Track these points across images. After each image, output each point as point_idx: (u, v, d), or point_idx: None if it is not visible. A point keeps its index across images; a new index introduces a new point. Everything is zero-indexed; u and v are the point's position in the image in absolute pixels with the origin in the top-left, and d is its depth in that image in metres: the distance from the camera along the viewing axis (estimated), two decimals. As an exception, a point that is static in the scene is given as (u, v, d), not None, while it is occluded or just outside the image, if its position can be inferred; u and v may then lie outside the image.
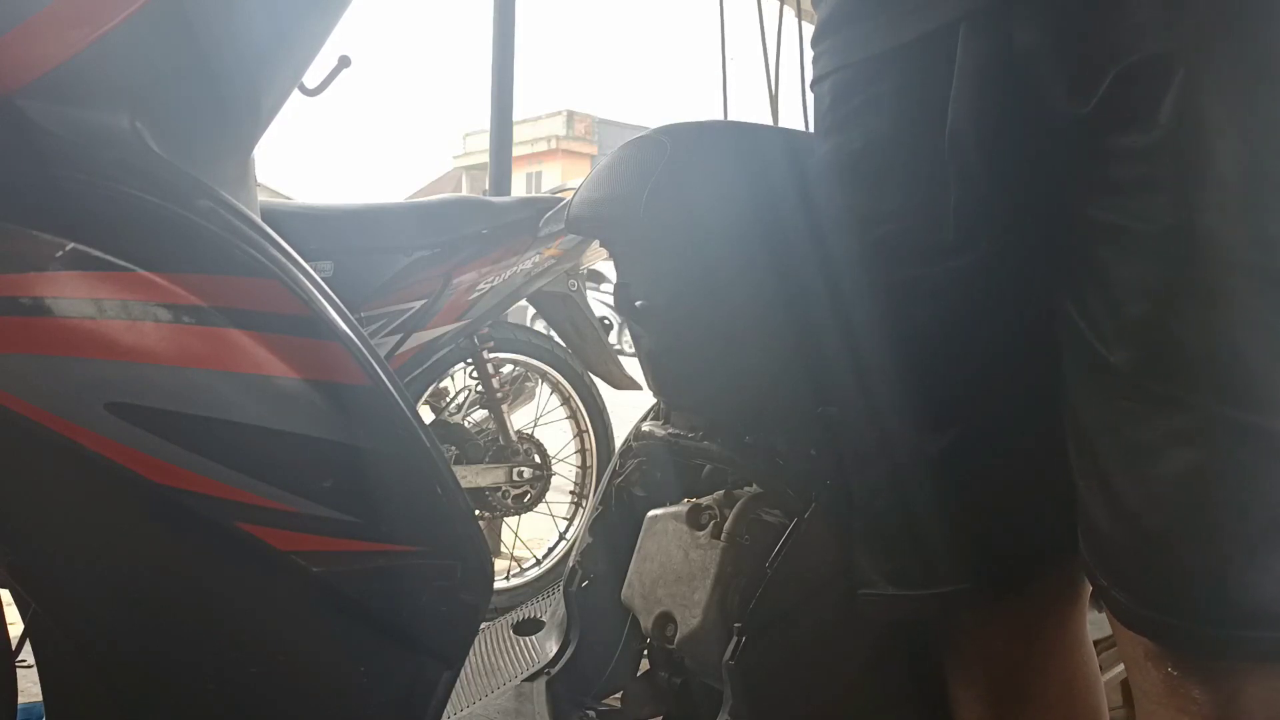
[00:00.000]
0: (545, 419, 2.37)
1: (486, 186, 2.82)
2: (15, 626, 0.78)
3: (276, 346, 0.69)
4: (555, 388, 2.33)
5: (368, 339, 0.75)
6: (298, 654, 0.73)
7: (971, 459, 0.78)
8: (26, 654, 0.78)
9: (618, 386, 2.34)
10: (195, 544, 0.68)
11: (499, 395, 2.16)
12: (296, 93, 0.88)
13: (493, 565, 0.83)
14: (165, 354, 0.66)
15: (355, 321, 0.75)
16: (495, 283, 1.94)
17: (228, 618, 0.70)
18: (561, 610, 1.19)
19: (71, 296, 0.64)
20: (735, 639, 0.91)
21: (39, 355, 0.63)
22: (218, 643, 0.70)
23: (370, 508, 0.73)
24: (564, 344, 2.30)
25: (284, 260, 0.72)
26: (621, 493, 1.21)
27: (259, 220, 0.74)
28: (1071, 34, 0.67)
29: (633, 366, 1.56)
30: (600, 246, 1.95)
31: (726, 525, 1.01)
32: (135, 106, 0.72)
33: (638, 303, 1.05)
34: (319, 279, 0.75)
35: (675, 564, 1.04)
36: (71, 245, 0.64)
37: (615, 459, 1.23)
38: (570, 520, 2.37)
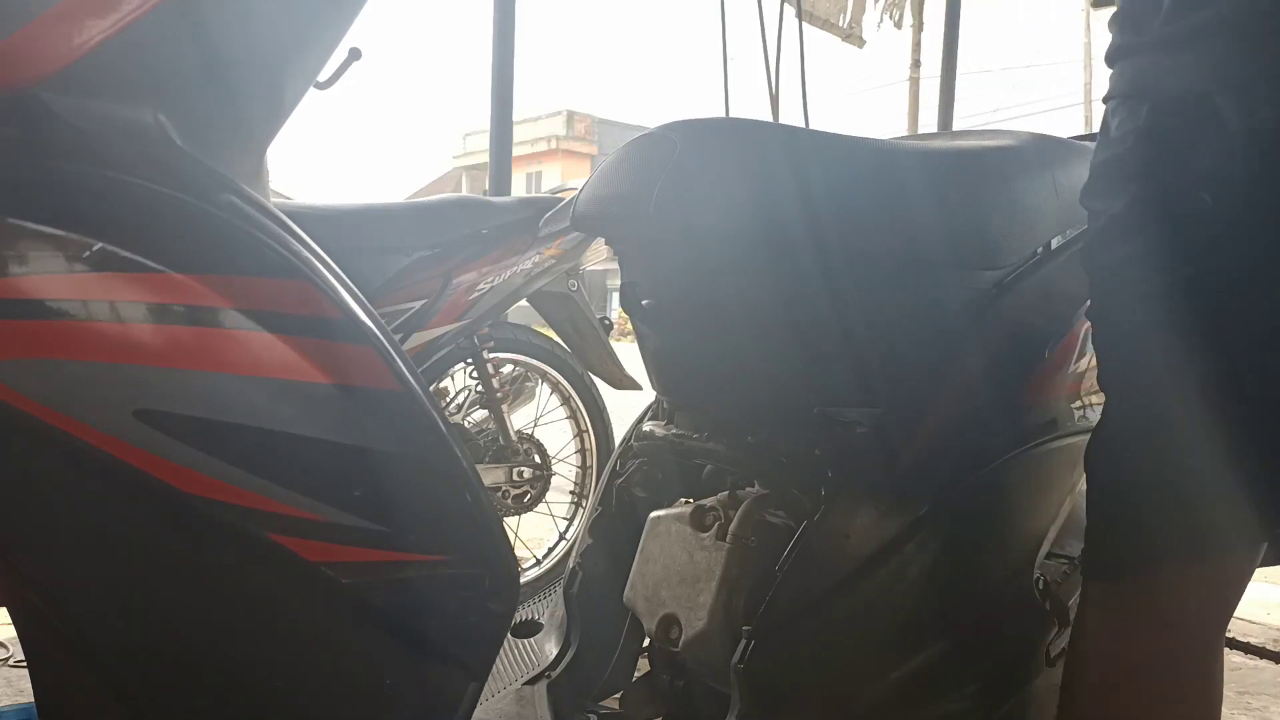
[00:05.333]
0: (545, 419, 2.36)
1: (486, 186, 2.81)
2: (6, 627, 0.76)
3: (309, 351, 0.67)
4: (555, 388, 2.32)
5: (396, 342, 0.73)
6: (322, 665, 0.72)
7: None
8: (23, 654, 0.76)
9: (618, 386, 2.33)
10: (223, 554, 0.66)
11: (499, 395, 2.15)
12: (307, 86, 0.86)
13: (519, 572, 0.81)
14: (196, 359, 0.63)
15: (383, 323, 0.73)
16: (495, 283, 1.93)
17: (253, 628, 0.69)
18: (561, 612, 1.17)
19: (99, 298, 0.61)
20: (745, 642, 0.90)
21: (65, 360, 0.60)
22: (243, 653, 0.68)
23: (400, 516, 0.71)
24: (564, 344, 2.30)
25: (313, 260, 0.70)
26: (622, 493, 1.20)
27: (285, 217, 0.72)
28: None
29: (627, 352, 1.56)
30: (604, 245, 1.95)
31: (732, 527, 0.99)
32: (158, 100, 0.69)
33: (644, 301, 1.04)
34: (347, 279, 0.72)
35: (679, 566, 1.03)
36: (99, 245, 0.62)
37: (615, 459, 1.22)
38: (570, 520, 2.36)
